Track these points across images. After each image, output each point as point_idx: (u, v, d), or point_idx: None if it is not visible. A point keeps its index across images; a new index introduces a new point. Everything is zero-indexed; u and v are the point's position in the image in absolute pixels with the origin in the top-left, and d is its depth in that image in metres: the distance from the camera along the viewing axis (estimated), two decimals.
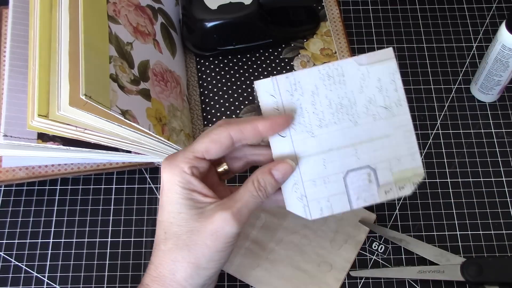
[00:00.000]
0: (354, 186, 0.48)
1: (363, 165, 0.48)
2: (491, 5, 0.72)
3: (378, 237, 0.58)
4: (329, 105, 0.47)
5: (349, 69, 0.47)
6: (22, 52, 0.59)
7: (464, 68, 0.68)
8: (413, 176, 0.48)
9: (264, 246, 0.56)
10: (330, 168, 0.47)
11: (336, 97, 0.47)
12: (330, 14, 0.70)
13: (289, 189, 0.47)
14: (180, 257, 0.44)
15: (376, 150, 0.48)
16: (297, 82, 0.47)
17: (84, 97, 0.48)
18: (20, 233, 0.58)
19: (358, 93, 0.47)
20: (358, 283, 0.55)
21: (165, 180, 0.45)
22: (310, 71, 0.47)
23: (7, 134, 0.53)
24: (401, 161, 0.48)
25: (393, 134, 0.48)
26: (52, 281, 0.56)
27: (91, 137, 0.53)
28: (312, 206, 0.47)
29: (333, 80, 0.47)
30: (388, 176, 0.48)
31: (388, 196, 0.49)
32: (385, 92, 0.48)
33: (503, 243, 0.57)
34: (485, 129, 0.64)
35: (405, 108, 0.48)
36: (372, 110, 0.48)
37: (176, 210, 0.45)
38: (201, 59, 0.67)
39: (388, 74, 0.48)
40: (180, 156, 0.45)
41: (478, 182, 0.61)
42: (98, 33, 0.53)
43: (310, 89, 0.47)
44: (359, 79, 0.47)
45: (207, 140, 0.45)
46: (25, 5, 0.60)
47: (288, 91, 0.47)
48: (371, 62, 0.47)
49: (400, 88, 0.48)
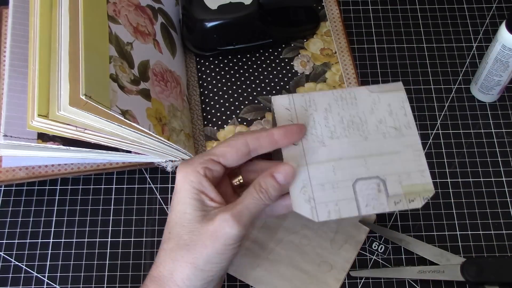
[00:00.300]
0: (363, 194, 0.48)
1: (373, 175, 0.49)
2: (491, 5, 0.72)
3: (378, 237, 0.58)
4: (340, 121, 0.49)
5: (361, 94, 0.50)
6: (22, 52, 0.59)
7: (464, 68, 0.68)
8: (423, 192, 0.49)
9: (264, 246, 0.56)
10: (340, 175, 0.48)
11: (348, 115, 0.50)
12: (330, 14, 0.70)
13: (297, 191, 0.47)
14: (179, 257, 0.44)
15: (386, 163, 0.49)
16: (312, 100, 0.49)
17: (84, 97, 0.48)
18: (20, 233, 0.58)
19: (369, 114, 0.50)
20: (358, 283, 0.55)
21: (179, 179, 0.46)
22: (324, 93, 0.50)
23: (7, 134, 0.53)
24: (411, 176, 0.49)
25: (403, 151, 0.49)
26: (52, 281, 0.56)
27: (91, 137, 0.53)
28: (320, 208, 0.47)
29: (346, 101, 0.50)
30: (397, 188, 0.48)
31: (398, 206, 0.48)
32: (395, 116, 0.50)
33: (503, 243, 0.57)
34: (485, 129, 0.64)
35: (414, 131, 0.50)
36: (382, 129, 0.50)
37: (182, 210, 0.45)
38: (201, 59, 0.67)
39: (398, 102, 0.51)
40: (197, 158, 0.46)
41: (478, 182, 0.61)
42: (98, 33, 0.53)
43: (324, 106, 0.49)
44: (371, 103, 0.50)
45: (225, 145, 0.46)
46: (25, 5, 0.60)
47: (302, 106, 0.49)
48: (382, 91, 0.50)
49: (409, 114, 0.50)
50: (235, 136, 0.46)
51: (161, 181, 0.61)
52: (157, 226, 0.59)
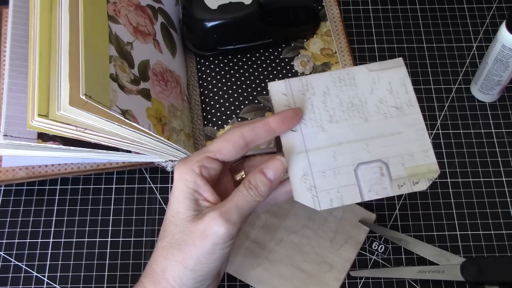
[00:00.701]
0: (365, 179, 0.47)
1: (375, 158, 0.47)
2: (491, 5, 0.72)
3: (378, 237, 0.58)
4: (339, 103, 0.48)
5: (360, 74, 0.48)
6: (22, 52, 0.59)
7: (464, 68, 0.68)
8: (427, 172, 0.48)
9: (264, 246, 0.56)
10: (341, 160, 0.47)
11: (347, 97, 0.48)
12: (330, 14, 0.70)
13: (298, 179, 0.46)
14: (171, 256, 0.44)
15: (388, 145, 0.48)
16: (309, 83, 0.48)
17: (84, 97, 0.48)
18: (20, 233, 0.58)
19: (368, 94, 0.48)
20: (358, 283, 0.55)
21: (175, 177, 0.45)
22: (321, 75, 0.48)
23: (7, 134, 0.53)
24: (414, 157, 0.48)
25: (405, 131, 0.48)
26: (52, 280, 0.56)
27: (91, 137, 0.53)
28: (322, 196, 0.46)
29: (344, 82, 0.48)
30: (400, 170, 0.47)
31: (402, 190, 0.48)
32: (396, 94, 0.48)
33: (503, 243, 0.57)
34: (485, 129, 0.64)
35: (416, 108, 0.48)
36: (383, 109, 0.48)
37: (175, 208, 0.45)
38: (201, 59, 0.67)
39: (398, 79, 0.49)
40: (194, 156, 0.46)
41: (478, 182, 0.61)
42: (98, 33, 0.53)
43: (322, 90, 0.48)
44: (370, 82, 0.48)
45: (220, 140, 0.45)
46: (25, 5, 0.60)
47: (300, 90, 0.47)
48: (381, 68, 0.49)
49: (410, 91, 0.49)
50: (231, 129, 0.45)
51: (161, 181, 0.61)
52: (157, 226, 0.59)
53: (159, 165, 0.59)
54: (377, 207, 0.59)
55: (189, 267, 0.44)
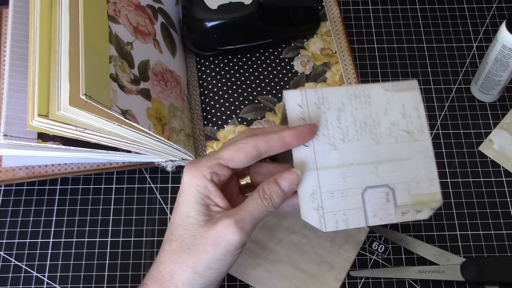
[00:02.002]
0: (371, 203, 0.47)
1: (382, 183, 0.48)
2: (491, 5, 0.72)
3: (378, 237, 0.58)
4: (353, 122, 0.48)
5: (375, 92, 0.48)
6: (22, 52, 0.59)
7: (464, 68, 0.68)
8: (430, 202, 0.48)
9: (264, 246, 0.56)
10: (350, 182, 0.47)
11: (361, 116, 0.48)
12: (330, 14, 0.70)
13: (306, 198, 0.46)
14: (180, 260, 0.44)
15: (396, 170, 0.48)
16: (325, 97, 0.47)
17: (84, 97, 0.48)
18: (20, 233, 0.58)
19: (382, 115, 0.48)
20: (358, 283, 0.55)
21: (185, 181, 0.45)
22: (337, 89, 0.48)
23: (7, 134, 0.53)
24: (420, 185, 0.48)
25: (414, 157, 0.48)
26: (52, 280, 0.56)
27: (91, 137, 0.53)
28: (328, 217, 0.47)
29: (360, 100, 0.48)
30: (406, 197, 0.48)
31: (405, 217, 0.48)
32: (408, 118, 0.48)
33: (503, 243, 0.57)
34: (485, 129, 0.64)
35: (427, 135, 0.49)
36: (394, 132, 0.48)
37: (186, 213, 0.45)
38: (201, 59, 0.67)
39: (412, 102, 0.49)
40: (204, 161, 0.45)
41: (478, 182, 0.61)
42: (98, 33, 0.53)
43: (337, 105, 0.47)
44: (384, 102, 0.48)
45: (234, 148, 0.45)
46: (25, 4, 0.60)
47: (315, 103, 0.47)
48: (396, 90, 0.49)
49: (423, 116, 0.49)
50: (245, 138, 0.45)
51: (161, 181, 0.61)
52: (157, 226, 0.59)
53: (159, 165, 0.59)
54: None
55: (199, 272, 0.44)
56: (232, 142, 0.46)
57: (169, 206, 0.59)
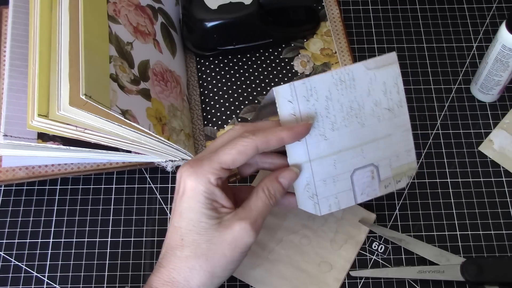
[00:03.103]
0: (359, 183, 0.51)
1: (368, 163, 0.51)
2: (491, 5, 0.72)
3: (378, 237, 0.58)
4: (340, 108, 0.49)
5: (358, 73, 0.49)
6: (22, 52, 0.59)
7: (464, 68, 0.68)
8: (408, 170, 0.53)
9: (264, 246, 0.56)
10: (340, 168, 0.50)
11: (347, 101, 0.49)
12: (330, 14, 0.70)
13: (302, 189, 0.50)
14: (198, 266, 0.45)
15: (379, 149, 0.51)
16: (313, 87, 0.48)
17: (84, 97, 0.48)
18: (20, 233, 0.58)
19: (366, 97, 0.50)
20: (358, 283, 0.55)
21: (189, 187, 0.45)
22: (324, 76, 0.49)
23: (7, 134, 0.53)
24: (399, 157, 0.52)
25: (394, 133, 0.51)
26: (52, 280, 0.56)
27: (91, 137, 0.53)
28: (322, 203, 0.51)
29: (345, 84, 0.49)
30: (388, 171, 0.52)
31: (387, 189, 0.53)
32: (389, 95, 0.50)
33: (503, 243, 0.57)
34: (485, 129, 0.64)
35: (405, 109, 0.51)
36: (377, 112, 0.50)
37: (197, 218, 0.45)
38: (201, 59, 0.67)
39: (392, 78, 0.50)
40: (207, 166, 0.45)
41: (478, 182, 0.61)
42: (98, 33, 0.53)
43: (325, 94, 0.49)
44: (367, 83, 0.50)
45: (235, 151, 0.45)
46: (25, 5, 0.60)
47: (304, 96, 0.48)
48: (378, 66, 0.50)
49: (401, 91, 0.51)
50: (244, 139, 0.45)
51: (161, 181, 0.61)
52: (157, 226, 0.59)
53: (159, 165, 0.59)
54: (377, 207, 0.59)
55: (216, 275, 0.46)
56: (232, 142, 0.46)
57: (169, 206, 0.59)
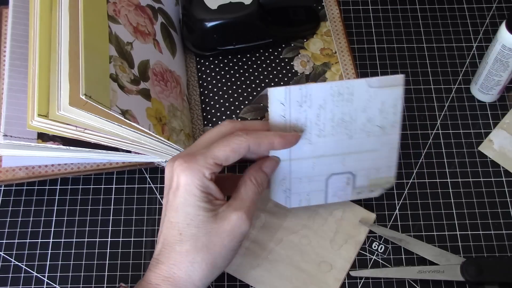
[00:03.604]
0: (333, 186, 0.54)
1: (346, 171, 0.52)
2: (491, 5, 0.72)
3: (378, 237, 0.58)
4: (331, 118, 0.49)
5: (359, 89, 0.49)
6: (22, 52, 0.59)
7: (464, 68, 0.68)
8: (385, 183, 0.55)
9: (264, 246, 0.56)
10: (318, 170, 0.52)
11: (340, 113, 0.49)
12: (330, 14, 0.70)
13: (277, 182, 0.52)
14: (199, 259, 0.46)
15: (361, 160, 0.52)
16: (308, 94, 0.48)
17: (84, 97, 0.48)
18: (20, 233, 0.58)
19: (360, 112, 0.50)
20: (358, 283, 0.55)
21: (184, 182, 0.46)
22: (323, 86, 0.48)
23: (7, 134, 0.53)
24: (379, 171, 0.53)
25: (380, 149, 0.52)
26: (52, 281, 0.56)
27: (91, 137, 0.53)
28: (293, 198, 0.53)
29: (342, 97, 0.49)
30: (364, 181, 0.53)
31: (359, 196, 0.55)
32: (385, 114, 0.50)
33: (503, 243, 0.57)
34: (485, 129, 0.64)
35: (397, 129, 0.51)
36: (368, 127, 0.50)
37: (194, 212, 0.46)
38: (201, 59, 0.67)
39: (392, 99, 0.50)
40: (201, 161, 0.46)
41: (478, 182, 0.61)
42: (98, 33, 0.53)
43: (319, 103, 0.49)
44: (366, 99, 0.49)
45: (229, 149, 0.46)
46: (25, 5, 0.60)
47: (297, 101, 0.48)
48: (381, 86, 0.49)
49: (399, 112, 0.51)
50: (238, 138, 0.47)
51: (161, 181, 0.61)
52: (157, 226, 0.59)
53: (159, 165, 0.59)
54: (377, 207, 0.59)
55: (217, 266, 0.47)
56: (226, 139, 0.47)
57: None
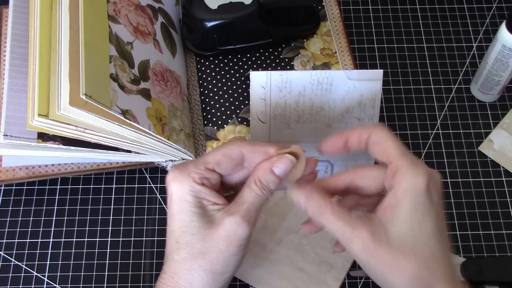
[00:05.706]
0: None
1: (325, 159, 0.53)
2: (491, 5, 0.72)
3: None
4: (310, 106, 0.50)
5: (338, 80, 0.49)
6: (22, 51, 0.59)
7: (464, 68, 0.68)
8: None
9: (264, 246, 0.56)
10: None
11: (319, 102, 0.50)
12: (330, 14, 0.70)
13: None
14: (196, 266, 0.44)
15: None
16: (289, 81, 0.49)
17: (84, 97, 0.48)
18: (20, 233, 0.58)
19: (339, 102, 0.51)
20: (358, 283, 0.55)
21: (175, 189, 0.45)
22: (303, 74, 0.49)
23: (7, 134, 0.53)
24: (357, 162, 0.54)
25: None
26: (52, 280, 0.56)
27: (91, 137, 0.53)
28: None
29: (321, 86, 0.49)
30: (341, 170, 0.54)
31: None
32: (363, 107, 0.51)
33: (503, 243, 0.57)
34: (485, 129, 0.64)
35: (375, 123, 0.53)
36: (346, 118, 0.51)
37: (188, 218, 0.44)
38: (201, 59, 0.67)
39: (371, 93, 0.51)
40: (191, 166, 0.45)
41: (478, 182, 0.61)
42: (98, 33, 0.53)
43: (298, 90, 0.49)
44: (344, 91, 0.50)
45: (220, 153, 0.45)
46: (25, 4, 0.60)
47: (278, 86, 0.49)
48: (360, 79, 0.50)
49: (377, 107, 0.51)
50: (232, 144, 0.46)
51: (161, 180, 0.61)
52: (157, 225, 0.59)
53: (159, 165, 0.59)
54: None
55: (218, 272, 0.45)
56: (219, 147, 0.46)
57: None
